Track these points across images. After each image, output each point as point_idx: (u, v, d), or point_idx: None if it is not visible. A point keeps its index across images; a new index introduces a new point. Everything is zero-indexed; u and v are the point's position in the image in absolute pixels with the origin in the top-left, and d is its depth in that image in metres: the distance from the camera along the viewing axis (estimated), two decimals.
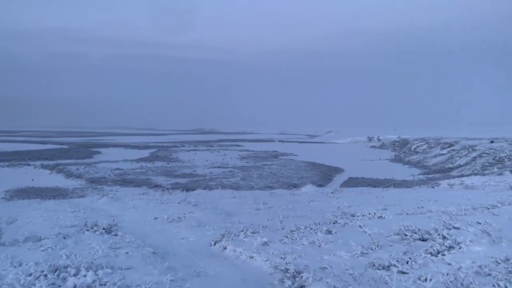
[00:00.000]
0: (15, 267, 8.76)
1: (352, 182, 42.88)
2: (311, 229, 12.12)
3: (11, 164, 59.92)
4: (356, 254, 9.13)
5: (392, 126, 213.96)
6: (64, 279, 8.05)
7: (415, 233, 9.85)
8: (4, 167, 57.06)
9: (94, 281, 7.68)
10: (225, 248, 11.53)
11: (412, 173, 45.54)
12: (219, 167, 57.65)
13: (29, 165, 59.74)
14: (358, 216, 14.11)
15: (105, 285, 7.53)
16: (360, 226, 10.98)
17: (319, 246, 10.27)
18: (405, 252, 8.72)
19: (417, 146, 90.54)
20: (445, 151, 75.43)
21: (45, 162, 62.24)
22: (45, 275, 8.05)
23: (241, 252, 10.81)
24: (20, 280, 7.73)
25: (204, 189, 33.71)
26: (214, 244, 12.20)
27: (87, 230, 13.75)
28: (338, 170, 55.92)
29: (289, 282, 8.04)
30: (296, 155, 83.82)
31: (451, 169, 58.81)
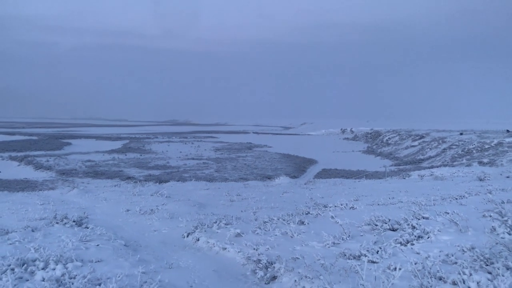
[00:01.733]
0: None
1: (325, 174, 43.37)
2: (283, 220, 12.19)
3: None
4: (328, 244, 9.24)
5: (365, 118, 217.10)
6: (32, 272, 7.87)
7: (385, 223, 10.03)
8: None
9: (63, 274, 7.53)
10: (198, 240, 11.49)
11: (384, 165, 46.42)
12: (193, 158, 57.35)
13: None
14: (330, 207, 14.28)
15: (74, 278, 7.40)
16: (332, 217, 11.10)
17: (291, 237, 10.35)
18: (375, 242, 8.87)
19: (389, 138, 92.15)
20: (416, 143, 77.05)
21: (13, 154, 60.61)
22: (12, 269, 7.85)
23: (214, 244, 10.79)
24: None
25: (178, 181, 33.49)
26: (187, 236, 12.14)
27: (57, 223, 13.47)
28: (312, 162, 56.45)
29: (261, 273, 8.08)
30: (270, 146, 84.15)
31: (422, 160, 60.13)
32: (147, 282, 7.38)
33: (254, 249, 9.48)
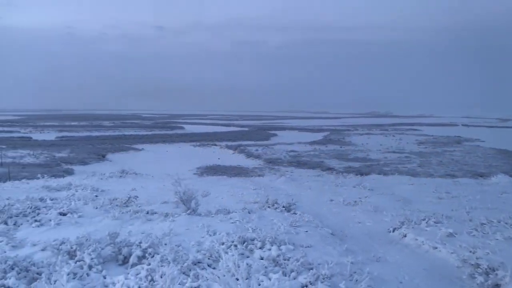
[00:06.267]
0: (210, 235, 9.80)
1: None
2: (506, 223, 10.85)
3: (201, 144, 67.05)
4: None
5: None
6: (251, 250, 8.72)
7: None
8: (196, 146, 64.15)
9: (278, 255, 8.12)
10: (405, 236, 11.09)
11: None
12: (394, 152, 55.38)
13: (215, 145, 66.02)
14: None
15: (288, 260, 7.90)
16: None
17: None
18: None
19: None
20: None
21: (229, 143, 67.95)
22: (235, 245, 8.82)
23: (423, 242, 10.27)
24: (215, 247, 8.62)
25: (378, 174, 32.75)
26: (393, 231, 11.83)
27: (268, 207, 14.64)
28: None
29: (481, 279, 7.36)
30: (483, 141, 75.61)
31: None
32: (356, 273, 7.44)
33: (470, 252, 8.70)
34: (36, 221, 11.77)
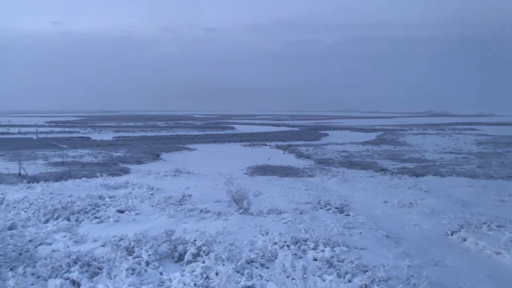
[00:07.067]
0: (263, 235, 9.84)
1: None
2: None
3: (251, 144, 67.62)
4: None
5: None
6: (304, 251, 8.66)
7: None
8: (246, 146, 64.76)
9: (332, 257, 8.02)
10: (465, 240, 10.64)
11: None
12: (451, 152, 53.39)
13: (265, 145, 66.34)
14: None
15: (342, 261, 7.78)
16: None
17: None
18: None
19: None
20: None
21: (279, 143, 68.11)
22: (288, 246, 8.79)
23: (484, 246, 9.81)
24: (267, 247, 8.63)
25: (434, 175, 31.66)
26: (451, 234, 11.38)
27: (321, 208, 14.51)
28: None
29: None
30: None
31: None
32: (413, 276, 7.21)
33: None
34: (96, 217, 12.30)
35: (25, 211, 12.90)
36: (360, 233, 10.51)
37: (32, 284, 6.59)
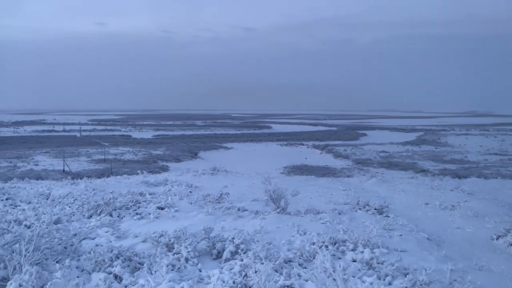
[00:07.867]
0: (300, 235, 9.81)
1: None
2: None
3: (288, 143, 67.40)
4: None
5: None
6: (343, 252, 8.57)
7: None
8: (283, 146, 64.61)
9: (371, 258, 7.90)
10: (511, 245, 10.23)
11: None
12: (495, 153, 51.44)
13: (302, 144, 65.94)
14: None
15: (382, 263, 7.65)
16: None
17: None
18: None
19: None
20: None
21: (316, 143, 67.54)
22: (326, 246, 8.73)
23: None
24: (305, 247, 8.59)
25: (479, 177, 30.60)
26: (497, 239, 10.98)
27: (360, 208, 14.31)
28: None
29: None
30: None
31: None
32: (456, 281, 7.00)
33: None
34: (137, 214, 12.61)
35: (69, 206, 13.39)
36: (400, 235, 10.30)
37: (77, 277, 6.82)
